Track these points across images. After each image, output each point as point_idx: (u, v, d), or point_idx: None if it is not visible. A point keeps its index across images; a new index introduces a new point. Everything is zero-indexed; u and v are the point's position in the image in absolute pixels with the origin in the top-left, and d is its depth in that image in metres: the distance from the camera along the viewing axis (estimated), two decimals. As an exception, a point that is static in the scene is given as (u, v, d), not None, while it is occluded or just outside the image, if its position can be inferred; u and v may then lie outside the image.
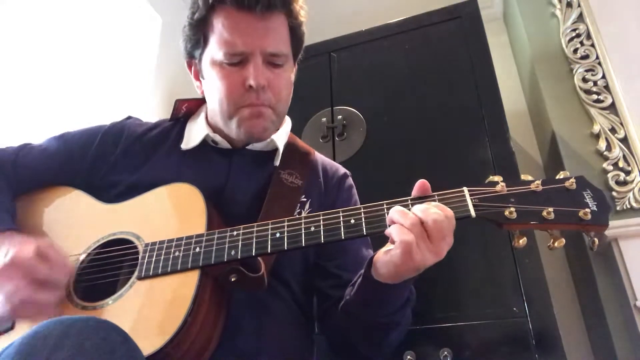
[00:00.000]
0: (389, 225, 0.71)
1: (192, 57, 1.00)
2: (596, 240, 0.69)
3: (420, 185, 0.76)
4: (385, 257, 0.73)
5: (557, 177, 0.73)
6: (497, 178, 0.74)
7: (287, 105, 1.01)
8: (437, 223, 0.68)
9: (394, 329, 0.84)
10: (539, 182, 0.72)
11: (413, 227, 0.68)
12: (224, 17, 0.90)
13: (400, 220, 0.69)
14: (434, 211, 0.68)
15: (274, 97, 0.93)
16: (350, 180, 1.11)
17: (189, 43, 0.98)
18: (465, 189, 0.74)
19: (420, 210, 0.69)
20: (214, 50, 0.92)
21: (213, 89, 0.94)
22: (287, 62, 0.97)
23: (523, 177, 0.75)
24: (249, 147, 1.00)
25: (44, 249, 0.78)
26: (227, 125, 0.95)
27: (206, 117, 1.03)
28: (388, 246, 0.73)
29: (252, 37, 0.90)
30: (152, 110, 2.08)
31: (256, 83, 0.89)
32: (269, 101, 0.93)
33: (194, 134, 1.01)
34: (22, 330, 0.79)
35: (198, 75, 1.01)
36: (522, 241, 0.72)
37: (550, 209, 0.69)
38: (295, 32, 0.98)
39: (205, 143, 0.99)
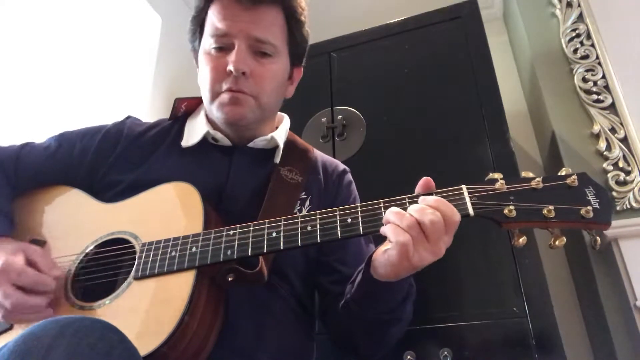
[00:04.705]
0: (385, 225, 0.71)
1: (194, 49, 1.02)
2: (598, 238, 0.67)
3: (424, 182, 0.75)
4: (383, 258, 0.72)
5: (559, 173, 0.72)
6: (496, 175, 0.72)
7: (273, 98, 0.99)
8: (433, 224, 0.67)
9: (394, 325, 0.84)
10: (539, 179, 0.70)
11: (410, 229, 0.67)
12: (218, 6, 0.93)
13: (396, 221, 0.68)
14: (430, 212, 0.67)
15: (256, 86, 0.92)
16: (349, 176, 1.10)
17: (190, 35, 1.01)
18: (463, 187, 0.73)
19: (415, 210, 0.68)
20: (206, 38, 0.95)
21: (200, 75, 0.97)
22: (277, 54, 0.95)
23: (524, 174, 0.73)
24: (250, 144, 1.00)
25: (32, 256, 0.81)
26: (210, 110, 0.97)
27: (206, 115, 1.02)
28: (386, 245, 0.72)
29: (238, 22, 0.91)
30: (152, 110, 2.07)
31: (235, 68, 0.89)
32: (250, 89, 0.92)
33: (194, 131, 1.01)
34: (21, 329, 0.79)
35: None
36: (522, 240, 0.70)
37: (551, 207, 0.67)
38: (293, 29, 0.97)
39: (205, 140, 0.99)
